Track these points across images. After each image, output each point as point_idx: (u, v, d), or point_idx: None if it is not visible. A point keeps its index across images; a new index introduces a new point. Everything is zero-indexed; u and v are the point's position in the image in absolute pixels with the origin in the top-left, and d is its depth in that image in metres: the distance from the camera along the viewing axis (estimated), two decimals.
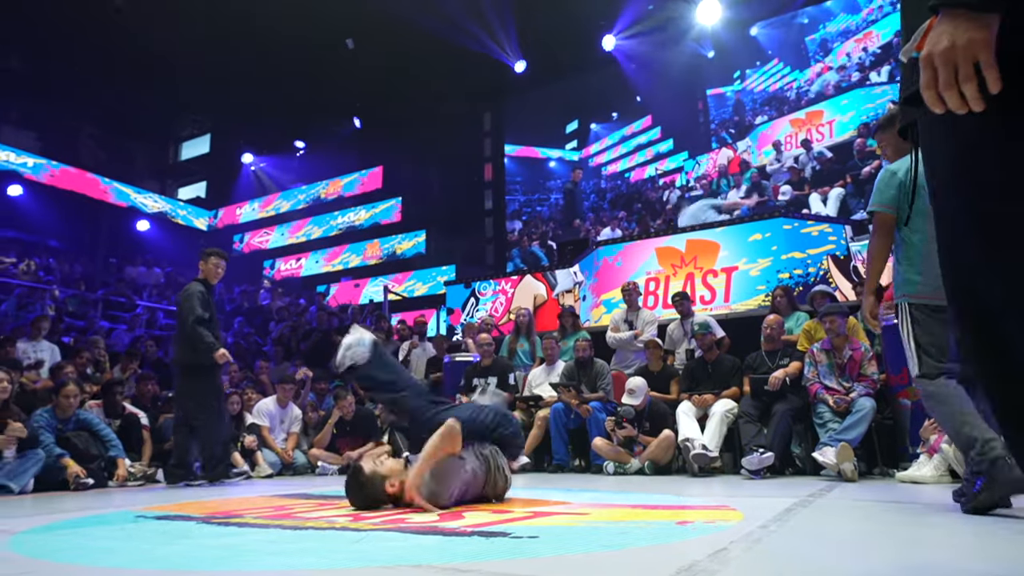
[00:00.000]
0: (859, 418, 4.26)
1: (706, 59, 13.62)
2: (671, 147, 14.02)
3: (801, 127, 12.04)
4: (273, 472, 5.77)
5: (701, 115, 13.70)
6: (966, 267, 0.98)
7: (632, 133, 14.70)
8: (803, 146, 11.81)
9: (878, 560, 1.64)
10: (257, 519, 2.60)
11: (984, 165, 0.94)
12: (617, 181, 14.66)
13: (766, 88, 12.87)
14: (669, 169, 13.89)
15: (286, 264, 18.97)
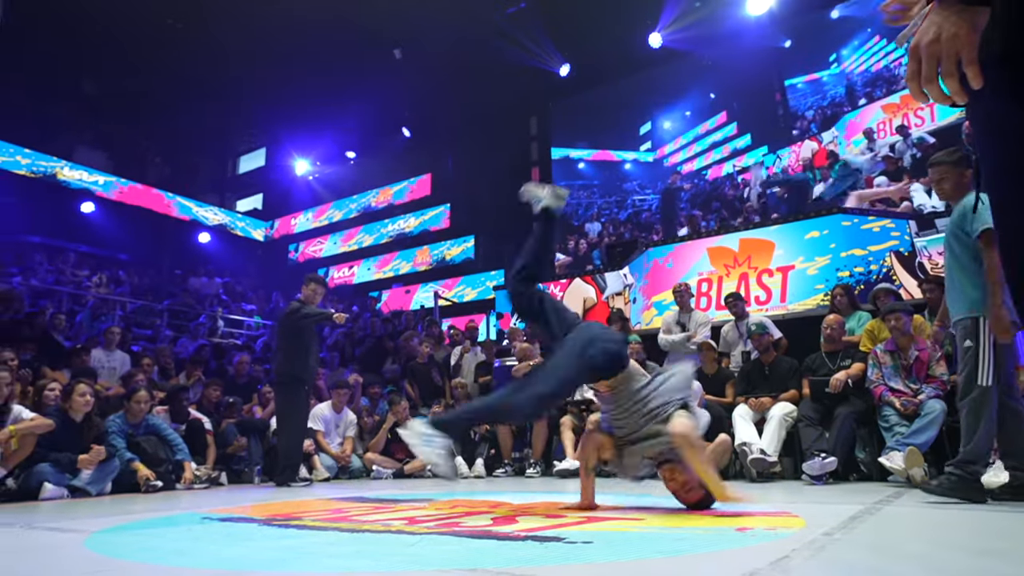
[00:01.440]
0: (928, 421, 4.06)
1: (782, 49, 13.02)
2: (749, 142, 13.55)
3: (896, 112, 11.09)
4: (330, 476, 5.90)
5: (780, 107, 13.08)
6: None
7: (707, 131, 14.33)
8: (899, 132, 10.85)
9: (949, 570, 1.56)
10: (315, 522, 2.66)
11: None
12: (695, 180, 14.33)
13: (868, 68, 12.00)
14: (748, 165, 13.41)
15: (339, 272, 19.42)
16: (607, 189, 15.73)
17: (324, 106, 16.72)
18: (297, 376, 5.24)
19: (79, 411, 4.67)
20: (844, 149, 11.70)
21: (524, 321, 3.13)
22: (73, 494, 4.39)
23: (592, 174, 16.02)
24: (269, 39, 14.63)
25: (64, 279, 11.86)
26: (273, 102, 17.29)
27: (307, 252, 20.34)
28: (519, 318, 3.42)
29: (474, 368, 7.41)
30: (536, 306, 3.17)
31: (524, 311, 3.32)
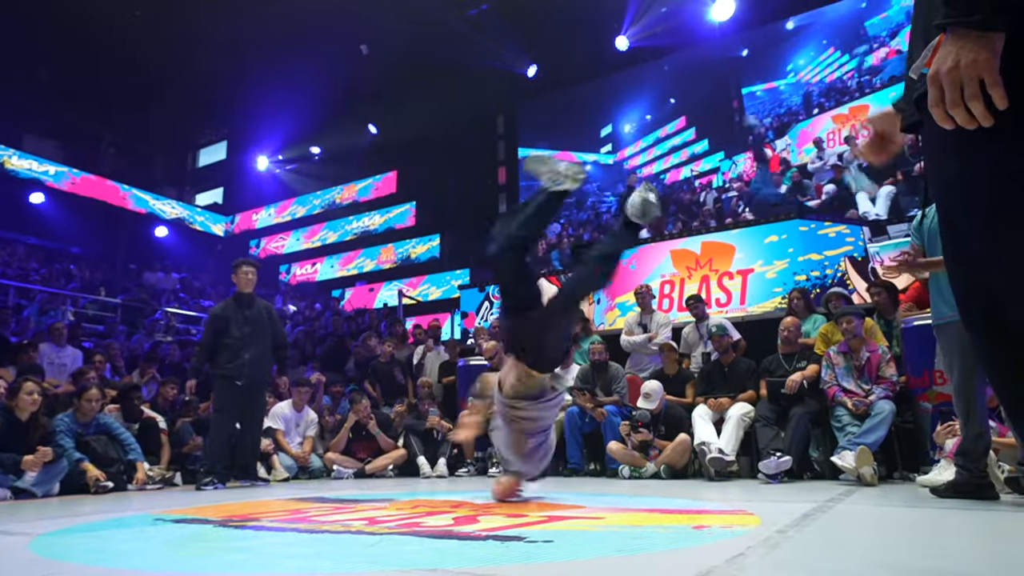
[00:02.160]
0: (878, 421, 4.20)
1: (740, 58, 13.38)
2: (706, 147, 13.85)
3: (844, 123, 11.53)
4: (289, 476, 5.80)
5: (736, 114, 13.45)
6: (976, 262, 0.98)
7: (666, 135, 14.60)
8: (847, 143, 11.31)
9: (895, 565, 1.62)
10: (273, 522, 2.61)
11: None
12: (654, 184, 14.54)
13: (823, 79, 12.41)
14: (705, 170, 13.70)
15: (302, 269, 19.12)
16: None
17: (288, 101, 16.44)
18: (222, 373, 5.03)
19: (25, 410, 4.49)
20: (796, 157, 12.12)
21: (504, 281, 3.04)
22: (17, 496, 4.23)
23: None
24: (233, 31, 14.33)
25: (11, 272, 11.41)
26: (235, 95, 16.95)
27: (269, 248, 19.97)
28: (498, 278, 3.33)
29: (437, 368, 7.37)
30: (524, 268, 3.19)
31: (508, 271, 3.21)
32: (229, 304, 5.26)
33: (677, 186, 14.06)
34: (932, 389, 4.33)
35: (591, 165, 15.66)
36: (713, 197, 13.13)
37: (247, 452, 5.15)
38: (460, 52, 14.02)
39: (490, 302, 9.38)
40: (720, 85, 13.68)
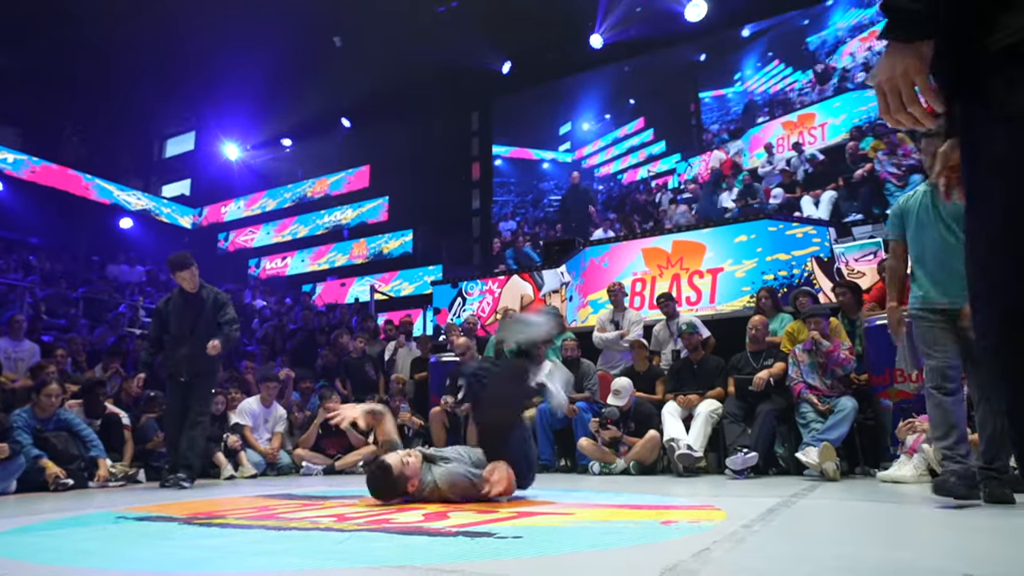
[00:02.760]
0: (841, 418, 4.31)
1: (698, 62, 13.73)
2: (663, 149, 14.08)
3: (793, 130, 12.05)
4: (257, 472, 5.72)
5: (693, 117, 13.77)
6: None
7: (625, 135, 14.75)
8: (794, 149, 11.84)
9: (856, 558, 1.66)
10: (240, 520, 2.58)
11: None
12: (610, 183, 14.71)
13: (767, 90, 12.88)
14: (661, 171, 13.93)
15: (272, 263, 18.84)
16: (523, 187, 15.86)
17: (259, 91, 16.16)
18: (166, 370, 4.88)
19: None
20: (748, 161, 12.52)
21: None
22: None
23: (509, 172, 16.13)
24: (203, 19, 14.02)
25: None
26: (205, 84, 16.58)
27: (237, 241, 19.63)
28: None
29: (409, 364, 7.34)
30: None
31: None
32: (173, 297, 5.00)
33: (633, 186, 14.25)
34: (893, 387, 4.46)
35: (548, 163, 15.74)
36: (668, 198, 13.41)
37: (184, 451, 4.70)
38: (437, 45, 13.92)
39: (463, 298, 9.37)
40: (679, 88, 13.98)
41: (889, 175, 10.40)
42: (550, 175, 15.68)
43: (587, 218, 14.40)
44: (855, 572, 1.50)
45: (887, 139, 10.66)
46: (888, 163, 10.44)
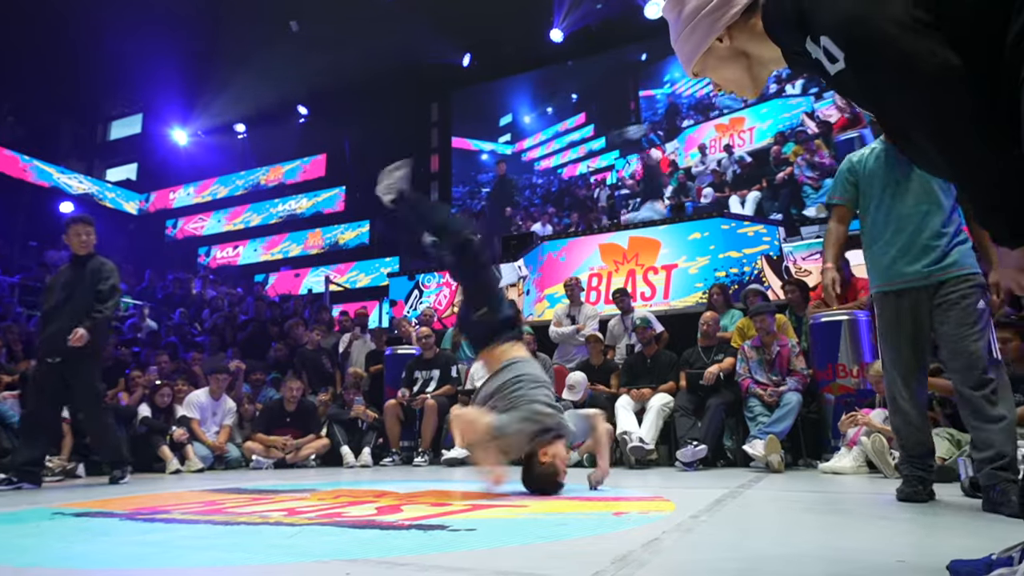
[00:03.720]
0: (786, 412, 4.45)
1: (640, 61, 14.04)
2: (603, 145, 14.29)
3: (725, 132, 12.56)
4: (204, 466, 5.58)
5: (633, 116, 14.07)
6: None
7: (566, 129, 14.88)
8: (725, 150, 12.38)
9: (797, 546, 1.72)
10: (185, 515, 2.51)
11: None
12: (550, 176, 14.84)
13: (694, 94, 13.33)
14: (601, 167, 14.15)
15: (223, 252, 18.32)
16: (461, 179, 15.88)
17: (212, 74, 15.65)
18: (38, 350, 4.41)
19: None
20: (683, 160, 12.98)
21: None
22: None
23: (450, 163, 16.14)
24: None
25: None
26: (153, 65, 15.93)
27: (186, 229, 19.02)
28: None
29: (364, 356, 7.26)
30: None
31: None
32: (64, 269, 4.51)
33: (573, 181, 14.42)
34: (835, 382, 4.63)
35: (487, 155, 15.72)
36: (606, 194, 13.66)
37: (97, 447, 4.37)
38: (394, 35, 13.74)
39: (420, 290, 9.30)
40: (620, 85, 14.24)
41: (807, 179, 11.06)
42: (488, 166, 15.74)
43: (515, 209, 14.56)
44: (795, 559, 1.56)
45: (807, 145, 11.27)
46: (807, 168, 11.03)
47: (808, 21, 1.09)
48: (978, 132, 0.98)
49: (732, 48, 1.29)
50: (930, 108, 1.00)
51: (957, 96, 0.97)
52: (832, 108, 11.26)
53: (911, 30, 0.97)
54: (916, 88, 0.99)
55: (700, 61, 1.32)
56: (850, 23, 1.03)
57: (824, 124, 11.28)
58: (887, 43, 0.99)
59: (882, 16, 0.99)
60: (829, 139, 11.15)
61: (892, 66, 1.00)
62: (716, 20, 1.27)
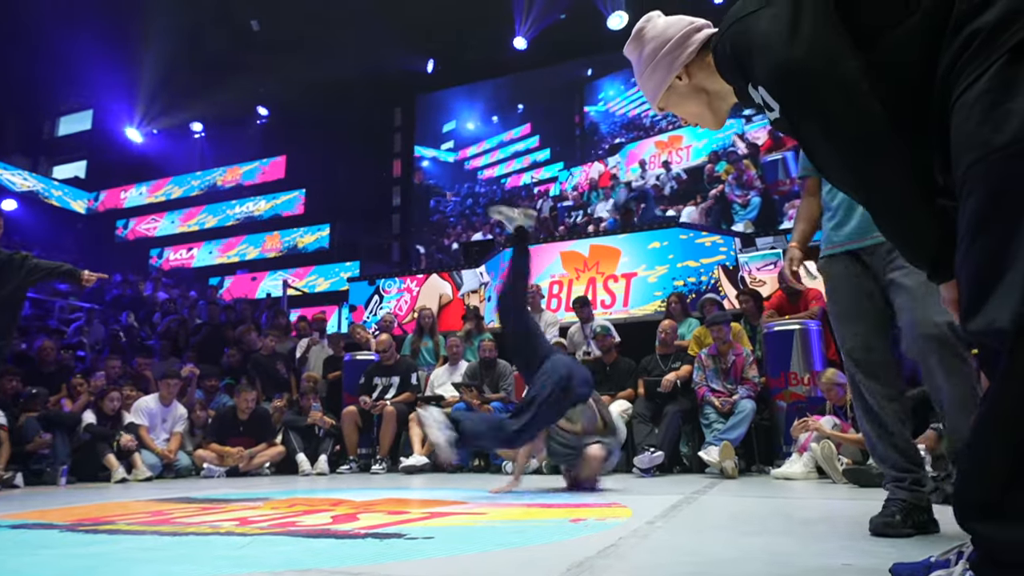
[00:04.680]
0: (740, 419, 4.55)
1: (586, 76, 14.34)
2: (548, 156, 14.48)
3: (664, 149, 13.03)
4: (152, 475, 5.39)
5: (578, 128, 14.35)
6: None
7: (511, 139, 14.97)
8: (663, 167, 12.87)
9: (749, 550, 1.76)
10: (131, 525, 2.42)
11: None
12: (494, 186, 14.90)
13: (626, 113, 13.71)
14: (545, 178, 14.30)
15: (176, 254, 17.82)
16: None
17: (169, 71, 15.24)
18: None
19: None
20: (624, 174, 13.36)
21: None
22: None
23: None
24: None
25: None
26: (107, 60, 15.42)
27: (138, 229, 18.44)
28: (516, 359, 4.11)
29: (322, 362, 7.13)
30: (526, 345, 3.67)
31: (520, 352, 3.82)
32: None
33: (516, 191, 14.54)
34: (787, 389, 4.76)
35: (428, 162, 15.75)
36: (549, 205, 13.86)
37: None
38: (358, 39, 13.63)
39: (380, 296, 9.21)
40: (568, 98, 14.54)
41: (735, 197, 11.60)
42: (429, 173, 15.77)
43: (456, 218, 14.57)
44: (746, 563, 1.59)
45: (737, 165, 11.78)
46: (736, 187, 11.57)
47: (745, 70, 1.14)
48: (902, 188, 1.05)
49: (692, 85, 1.35)
50: (855, 166, 1.07)
51: (882, 155, 1.03)
52: (761, 131, 11.83)
53: (839, 84, 1.03)
54: (843, 146, 1.06)
55: (663, 98, 1.38)
56: (781, 76, 1.08)
57: (752, 146, 11.87)
58: (815, 99, 1.05)
59: (813, 68, 1.04)
60: (756, 159, 11.74)
61: (819, 123, 1.07)
62: (674, 60, 1.34)
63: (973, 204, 0.89)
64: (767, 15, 1.11)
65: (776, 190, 11.39)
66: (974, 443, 0.93)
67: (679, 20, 1.39)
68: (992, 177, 0.87)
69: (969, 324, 0.90)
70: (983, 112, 0.88)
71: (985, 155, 0.88)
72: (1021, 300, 0.82)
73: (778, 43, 1.07)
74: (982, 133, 0.88)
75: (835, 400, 4.21)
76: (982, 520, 0.90)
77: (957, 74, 0.93)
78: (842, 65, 1.03)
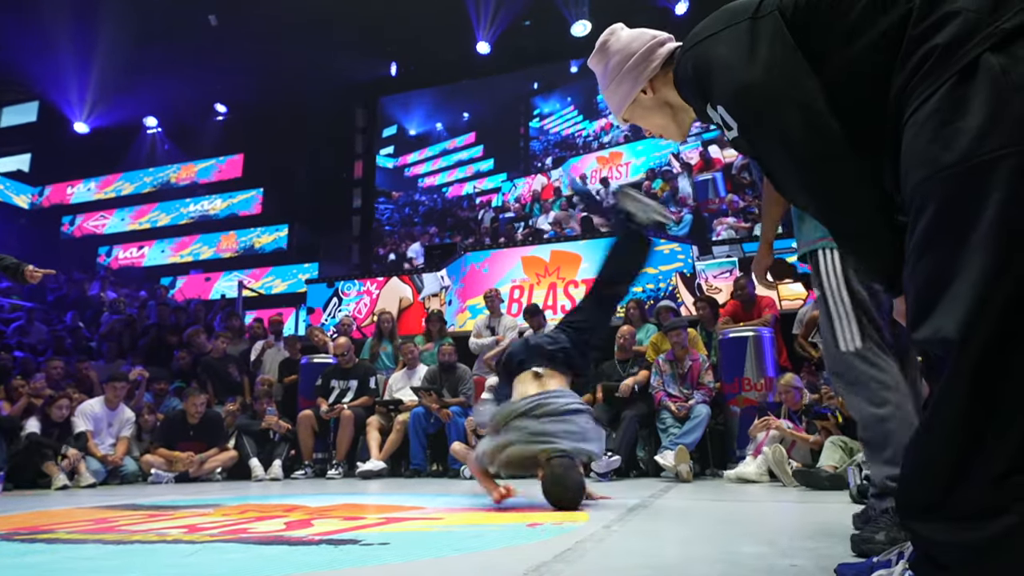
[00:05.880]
0: (696, 424, 4.64)
1: (532, 89, 14.47)
2: (491, 167, 14.48)
3: (605, 164, 13.29)
4: (96, 481, 5.19)
5: (522, 140, 14.41)
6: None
7: (454, 148, 14.94)
8: (602, 182, 13.14)
9: (702, 552, 1.79)
10: (71, 534, 2.33)
11: None
12: (434, 195, 14.86)
13: (560, 131, 13.93)
14: (487, 189, 14.31)
15: (126, 252, 17.23)
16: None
17: (121, 64, 14.73)
18: None
19: None
20: (566, 188, 13.56)
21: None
22: None
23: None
24: None
25: None
26: (53, 48, 14.84)
27: (86, 226, 17.77)
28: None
29: (278, 365, 6.99)
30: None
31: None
32: None
33: (456, 201, 14.53)
34: (741, 395, 4.87)
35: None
36: (491, 216, 13.95)
37: None
38: (321, 38, 13.43)
39: (339, 298, 9.08)
40: (514, 109, 14.57)
41: (670, 213, 11.94)
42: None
43: (393, 227, 14.47)
44: (699, 565, 1.62)
45: (672, 183, 12.23)
46: (671, 204, 11.93)
47: (705, 90, 1.17)
48: (859, 205, 1.09)
49: (656, 99, 1.38)
50: (812, 184, 1.10)
51: (840, 174, 1.07)
52: (694, 151, 12.19)
53: (796, 103, 1.06)
54: (801, 164, 1.09)
55: (628, 110, 1.41)
56: (739, 97, 1.11)
57: (686, 165, 12.25)
58: (773, 118, 1.08)
59: (771, 89, 1.08)
60: (690, 179, 12.11)
61: (778, 142, 1.10)
62: (639, 74, 1.36)
63: (922, 219, 0.93)
64: (726, 37, 1.14)
65: (706, 208, 11.81)
66: (917, 446, 0.96)
67: (642, 34, 1.41)
68: (940, 194, 0.91)
69: (916, 333, 0.94)
70: (933, 131, 0.92)
71: (934, 172, 0.91)
72: (966, 311, 0.86)
73: (738, 64, 1.10)
74: (932, 151, 0.92)
75: (791, 404, 4.33)
76: (923, 521, 0.93)
77: (909, 94, 0.97)
78: (799, 85, 1.06)
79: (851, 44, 1.06)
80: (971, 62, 0.89)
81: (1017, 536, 0.83)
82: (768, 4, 1.13)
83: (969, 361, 0.86)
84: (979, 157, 0.87)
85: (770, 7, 1.12)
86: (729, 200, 11.57)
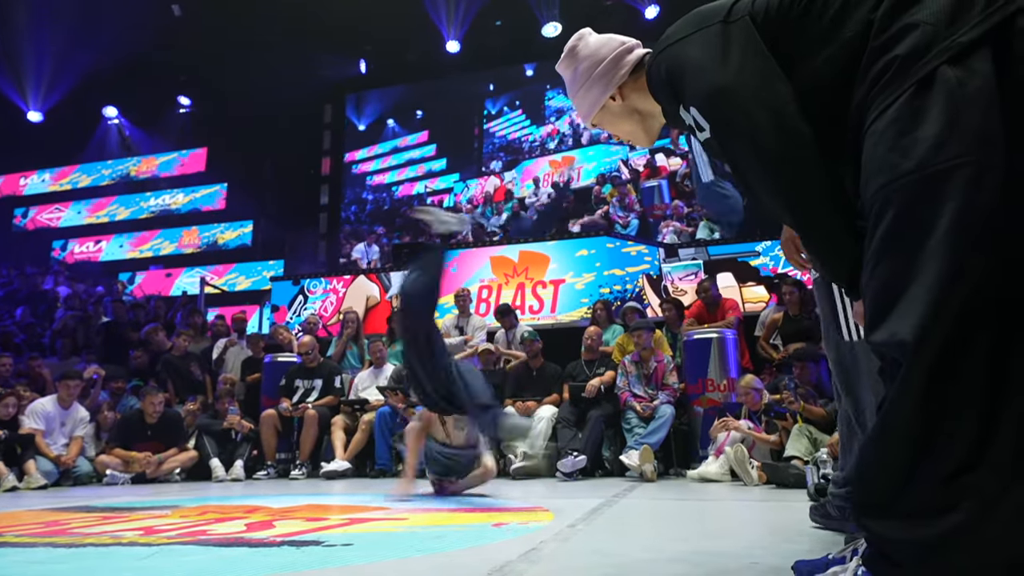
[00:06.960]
0: (660, 424, 4.70)
1: (488, 91, 14.45)
2: (444, 167, 14.39)
3: (557, 168, 13.38)
4: (48, 483, 5.01)
5: (476, 141, 14.35)
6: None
7: (406, 146, 14.80)
8: (554, 187, 13.27)
9: (665, 550, 1.82)
10: (20, 537, 2.25)
11: None
12: (383, 194, 14.72)
13: (506, 135, 13.95)
14: (439, 189, 14.22)
15: (82, 246, 16.69)
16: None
17: (78, 52, 14.26)
18: None
19: None
20: (519, 190, 13.62)
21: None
22: None
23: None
24: None
25: None
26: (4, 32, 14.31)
27: (39, 219, 17.15)
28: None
29: (240, 364, 6.86)
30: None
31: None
32: None
33: (407, 200, 14.42)
34: (704, 395, 4.95)
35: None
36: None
37: None
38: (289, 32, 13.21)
39: (304, 296, 8.96)
40: (468, 109, 14.49)
41: (617, 218, 12.26)
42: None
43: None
44: (661, 563, 1.64)
45: (620, 189, 12.49)
46: (619, 208, 12.25)
47: (677, 92, 1.19)
48: (825, 208, 1.11)
49: (624, 105, 1.39)
50: (781, 186, 1.12)
51: (808, 176, 1.09)
52: (641, 159, 12.40)
53: (767, 105, 1.09)
54: (770, 166, 1.11)
55: (597, 116, 1.42)
56: (713, 98, 1.13)
57: (634, 172, 12.48)
58: (745, 119, 1.10)
59: (743, 91, 1.10)
60: (637, 185, 12.35)
61: (748, 143, 1.12)
62: (608, 81, 1.37)
63: (880, 225, 0.96)
64: (698, 40, 1.16)
65: (651, 213, 12.04)
66: (871, 446, 0.99)
67: (611, 40, 1.42)
68: (898, 200, 0.94)
69: (872, 336, 0.97)
70: (892, 139, 0.95)
71: (893, 179, 0.94)
72: (921, 314, 0.89)
73: (710, 67, 1.12)
74: (891, 159, 0.95)
75: (751, 405, 4.42)
76: (876, 518, 0.96)
77: (870, 103, 1.00)
78: (770, 88, 1.09)
79: (817, 53, 1.08)
80: (928, 74, 0.92)
81: (966, 533, 0.86)
82: (739, 9, 1.15)
83: (923, 364, 0.89)
84: (935, 166, 0.90)
85: (741, 12, 1.14)
86: (674, 206, 11.81)
